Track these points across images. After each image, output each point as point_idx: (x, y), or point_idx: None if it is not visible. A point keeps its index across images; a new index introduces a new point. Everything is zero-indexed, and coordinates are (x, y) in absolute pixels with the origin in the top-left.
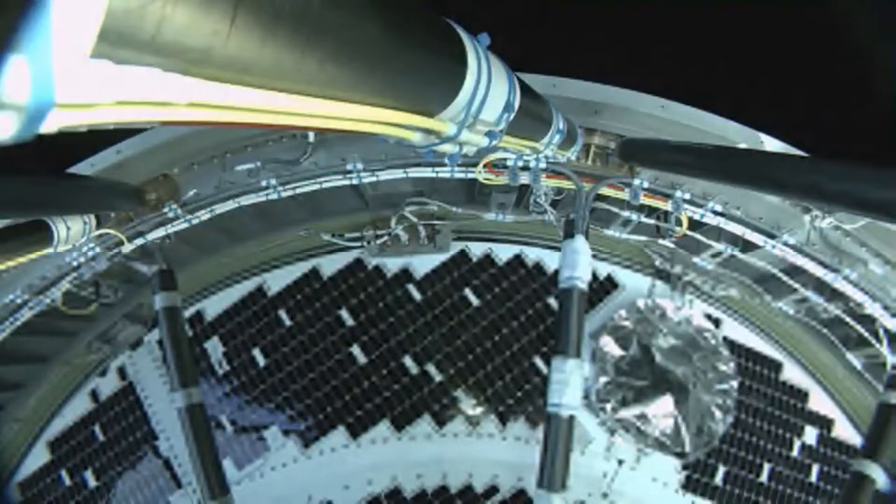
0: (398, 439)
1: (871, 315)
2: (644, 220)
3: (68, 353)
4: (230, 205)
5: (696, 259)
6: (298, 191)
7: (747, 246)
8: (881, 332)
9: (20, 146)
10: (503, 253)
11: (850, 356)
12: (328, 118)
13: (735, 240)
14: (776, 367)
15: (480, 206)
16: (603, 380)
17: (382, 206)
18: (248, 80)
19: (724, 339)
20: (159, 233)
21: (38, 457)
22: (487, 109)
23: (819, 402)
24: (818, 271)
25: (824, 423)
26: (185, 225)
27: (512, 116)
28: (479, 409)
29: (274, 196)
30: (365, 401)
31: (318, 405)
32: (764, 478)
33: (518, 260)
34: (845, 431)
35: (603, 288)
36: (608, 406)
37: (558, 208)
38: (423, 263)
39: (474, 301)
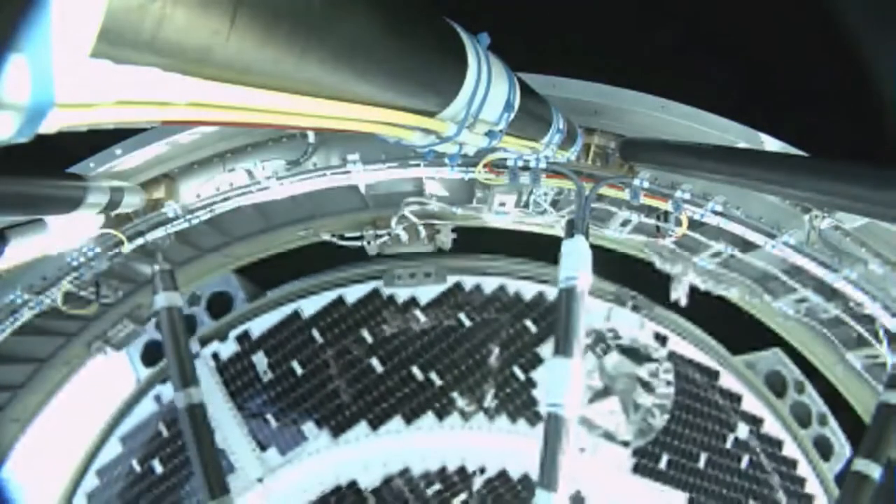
0: (408, 431)
1: (871, 315)
2: (644, 220)
3: (68, 353)
4: (230, 205)
5: (696, 259)
6: (298, 191)
7: (747, 246)
8: (881, 332)
9: (20, 146)
10: (489, 285)
11: (849, 356)
12: (328, 118)
13: (735, 240)
14: (714, 374)
15: (480, 206)
16: None
17: (382, 205)
18: (248, 80)
19: (671, 353)
20: (159, 233)
21: (112, 450)
22: (488, 109)
23: (751, 404)
24: (818, 271)
25: (755, 421)
26: (185, 225)
27: (512, 116)
28: (471, 407)
29: (274, 196)
30: (381, 401)
31: (344, 404)
32: (701, 464)
33: (502, 290)
34: (773, 428)
35: None
36: None
37: (558, 208)
38: (426, 292)
39: (467, 322)
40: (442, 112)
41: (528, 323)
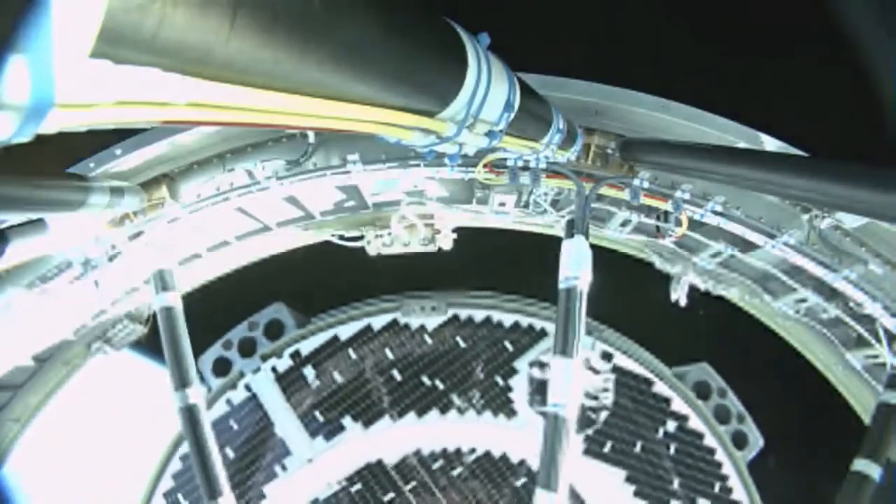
0: (419, 422)
1: (871, 315)
2: (644, 220)
3: (68, 353)
4: (230, 204)
5: (696, 259)
6: (298, 191)
7: (747, 246)
8: (881, 332)
9: (20, 146)
10: (478, 316)
11: (849, 356)
12: (328, 118)
13: (735, 240)
14: (650, 382)
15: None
16: (534, 390)
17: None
18: (248, 80)
19: (615, 366)
20: (159, 233)
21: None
22: (488, 109)
23: (678, 405)
24: (818, 271)
25: (682, 419)
26: (186, 225)
27: (512, 116)
28: (464, 405)
29: (274, 196)
30: (400, 401)
31: (373, 403)
32: (637, 449)
33: (488, 320)
34: (697, 423)
35: (534, 336)
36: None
37: (558, 208)
38: (432, 321)
39: (462, 344)
40: (442, 112)
41: (507, 343)
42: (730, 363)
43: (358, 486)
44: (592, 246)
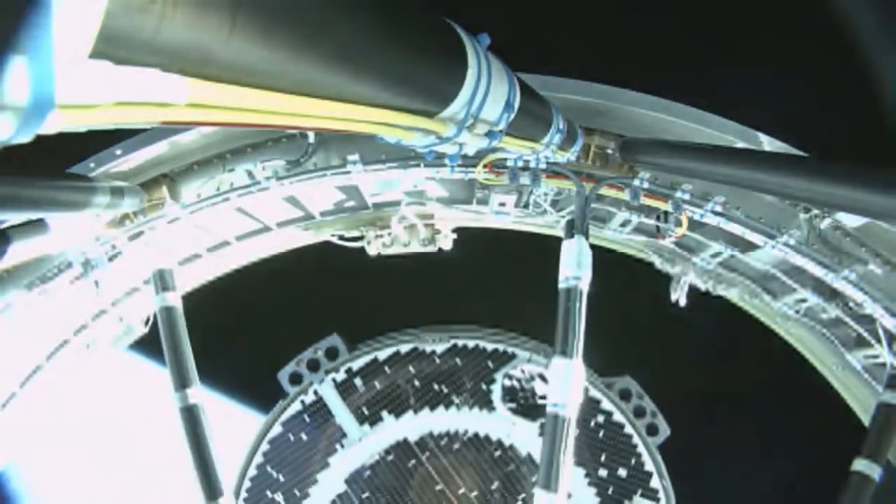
0: (432, 414)
1: (870, 315)
2: (644, 220)
3: (67, 353)
4: (230, 205)
5: (695, 259)
6: (298, 191)
7: (747, 246)
8: (881, 332)
9: (19, 146)
10: (470, 344)
11: (849, 356)
12: (328, 118)
13: (735, 240)
14: (585, 389)
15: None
16: (506, 394)
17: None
18: (248, 81)
19: None
20: (159, 233)
21: (275, 431)
22: (488, 109)
23: (606, 405)
24: (818, 271)
25: (608, 414)
26: (186, 225)
27: (512, 116)
28: (462, 402)
29: (274, 196)
30: (419, 400)
31: (402, 401)
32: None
33: (478, 347)
34: (619, 417)
35: (507, 358)
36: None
37: (558, 208)
38: (440, 347)
39: (459, 363)
40: (442, 112)
41: (489, 362)
42: (727, 363)
43: (391, 457)
44: (592, 246)
